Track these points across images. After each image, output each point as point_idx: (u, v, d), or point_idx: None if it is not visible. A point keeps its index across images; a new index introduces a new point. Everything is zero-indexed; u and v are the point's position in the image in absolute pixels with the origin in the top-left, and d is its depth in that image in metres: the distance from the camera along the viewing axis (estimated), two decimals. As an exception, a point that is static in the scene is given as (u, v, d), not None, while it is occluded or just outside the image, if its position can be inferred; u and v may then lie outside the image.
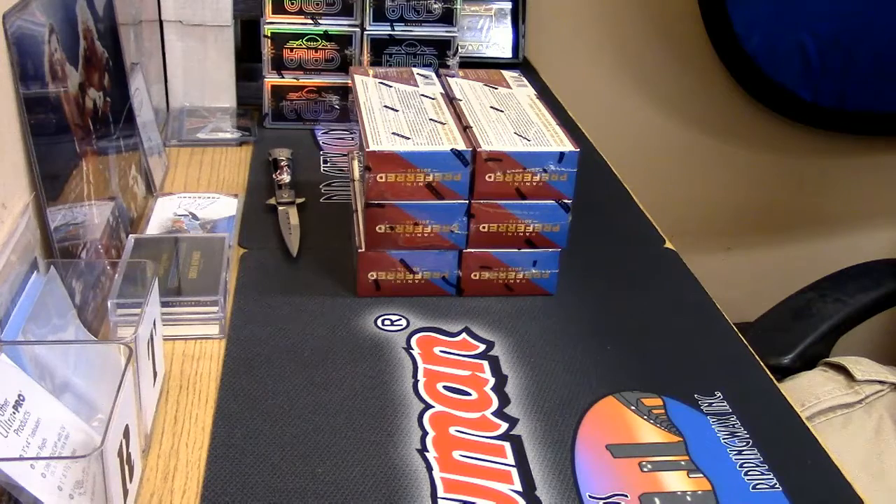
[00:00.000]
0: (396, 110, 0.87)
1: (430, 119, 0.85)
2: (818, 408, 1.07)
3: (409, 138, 0.81)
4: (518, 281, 0.86)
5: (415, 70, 1.00)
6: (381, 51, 1.21)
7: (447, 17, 1.21)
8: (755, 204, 1.81)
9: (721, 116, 1.71)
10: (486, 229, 0.83)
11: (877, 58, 1.59)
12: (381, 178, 0.79)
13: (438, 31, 1.22)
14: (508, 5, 1.53)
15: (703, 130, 1.72)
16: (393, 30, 1.21)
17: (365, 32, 1.20)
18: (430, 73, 0.99)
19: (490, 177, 0.80)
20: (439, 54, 1.22)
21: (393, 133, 0.82)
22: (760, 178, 1.78)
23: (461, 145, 0.80)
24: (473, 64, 1.34)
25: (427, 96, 0.92)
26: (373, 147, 0.79)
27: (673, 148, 1.73)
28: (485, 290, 0.86)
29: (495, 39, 1.53)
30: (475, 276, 0.85)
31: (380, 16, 1.20)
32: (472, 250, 0.84)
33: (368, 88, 0.93)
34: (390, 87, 0.94)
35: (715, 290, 0.90)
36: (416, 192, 0.80)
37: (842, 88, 1.62)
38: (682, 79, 1.67)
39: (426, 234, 0.83)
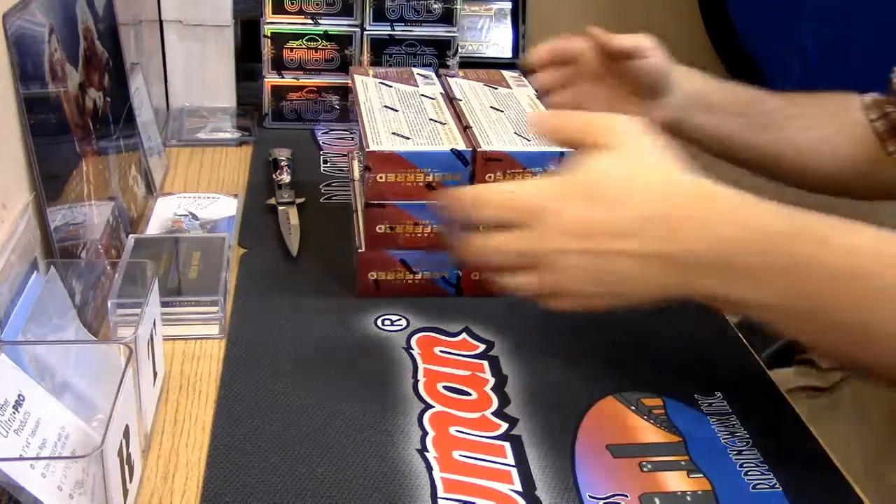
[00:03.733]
0: (396, 110, 0.87)
1: (430, 119, 0.85)
2: (788, 386, 1.13)
3: (409, 138, 0.81)
4: (518, 281, 0.86)
5: (415, 70, 1.00)
6: (381, 51, 1.21)
7: (447, 17, 1.21)
8: (755, 204, 1.80)
9: (721, 116, 1.70)
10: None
11: (877, 59, 1.59)
12: (381, 178, 0.79)
13: (438, 31, 1.22)
14: (508, 5, 1.53)
15: (702, 130, 1.72)
16: (393, 30, 1.21)
17: (365, 32, 1.20)
18: (430, 73, 0.99)
19: (490, 177, 0.80)
20: (439, 54, 1.23)
21: (393, 133, 0.82)
22: (760, 177, 1.77)
23: (461, 145, 0.80)
24: (473, 64, 1.34)
25: (427, 96, 0.91)
26: (373, 147, 0.79)
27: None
28: (485, 290, 0.86)
29: (495, 39, 1.52)
30: (475, 276, 0.85)
31: (380, 16, 1.20)
32: (472, 250, 0.84)
33: (368, 88, 0.93)
34: (390, 87, 0.94)
35: (714, 291, 0.90)
36: (416, 192, 0.80)
37: (842, 89, 1.62)
38: (682, 79, 1.66)
39: (426, 234, 0.82)
